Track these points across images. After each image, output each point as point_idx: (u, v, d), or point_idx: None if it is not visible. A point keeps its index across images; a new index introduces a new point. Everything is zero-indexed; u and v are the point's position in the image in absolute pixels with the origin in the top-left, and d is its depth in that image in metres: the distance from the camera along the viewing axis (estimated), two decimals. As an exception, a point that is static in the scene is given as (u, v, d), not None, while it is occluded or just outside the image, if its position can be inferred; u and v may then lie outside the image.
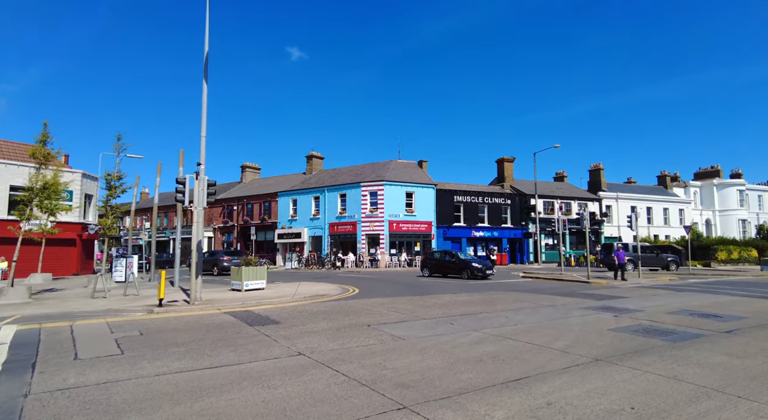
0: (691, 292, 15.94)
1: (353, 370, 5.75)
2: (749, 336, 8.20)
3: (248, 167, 50.14)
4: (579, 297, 14.27)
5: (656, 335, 8.18)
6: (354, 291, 16.19)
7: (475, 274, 22.17)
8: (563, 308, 11.63)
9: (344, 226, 35.91)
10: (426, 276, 24.85)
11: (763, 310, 11.51)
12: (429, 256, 26.49)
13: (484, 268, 22.43)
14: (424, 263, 26.10)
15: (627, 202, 48.62)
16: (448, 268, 24.16)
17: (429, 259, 25.97)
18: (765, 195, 61.04)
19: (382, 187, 34.92)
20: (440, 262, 24.84)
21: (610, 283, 19.43)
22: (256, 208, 42.82)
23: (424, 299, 13.40)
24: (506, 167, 44.26)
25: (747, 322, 9.64)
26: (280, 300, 12.53)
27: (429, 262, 25.72)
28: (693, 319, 10.06)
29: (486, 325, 9.17)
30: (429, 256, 26.69)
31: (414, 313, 10.66)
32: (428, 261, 25.84)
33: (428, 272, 25.20)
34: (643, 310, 11.36)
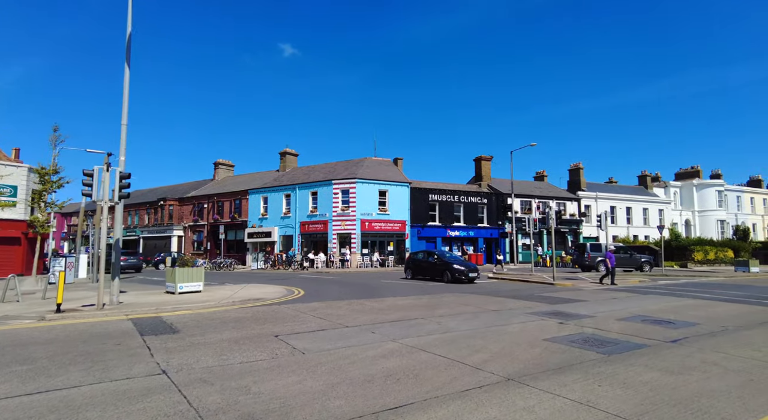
0: (656, 295, 15.22)
1: (205, 396, 4.77)
2: (694, 346, 7.39)
3: (221, 164, 48.73)
4: (534, 300, 13.45)
5: (593, 346, 7.33)
6: (299, 293, 15.20)
7: (457, 277, 19.70)
8: (508, 313, 10.75)
9: (315, 225, 34.84)
10: (408, 278, 22.59)
11: (719, 315, 10.76)
12: (412, 257, 23.97)
13: (466, 270, 19.91)
14: (407, 264, 23.73)
15: (606, 201, 48.21)
16: (429, 270, 21.63)
17: (412, 260, 23.45)
18: (744, 196, 61.28)
19: (354, 184, 33.91)
20: (422, 264, 22.37)
21: (575, 285, 18.69)
22: (226, 206, 41.54)
23: (365, 303, 12.44)
24: (484, 166, 43.53)
25: (698, 330, 8.86)
26: (204, 305, 11.48)
27: (411, 263, 23.28)
28: (643, 326, 9.27)
29: (411, 333, 8.24)
30: (412, 256, 24.12)
31: (341, 319, 9.69)
32: (411, 262, 23.39)
33: (411, 274, 22.82)
34: (594, 315, 10.54)
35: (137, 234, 47.63)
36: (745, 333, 8.61)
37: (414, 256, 23.63)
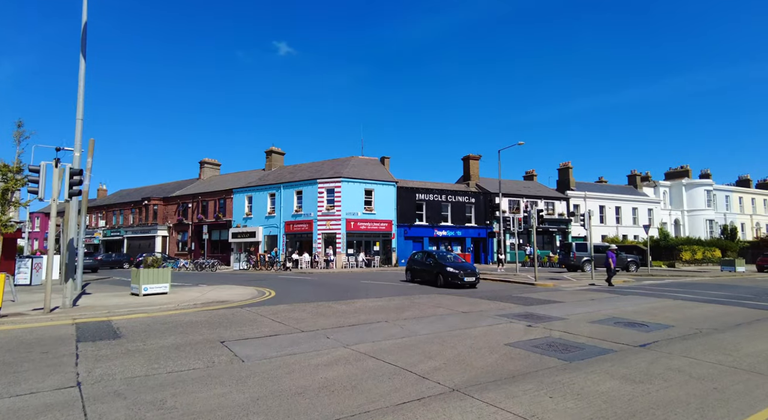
0: (636, 295, 14.89)
1: (109, 413, 4.30)
2: (663, 351, 7.02)
3: (207, 163, 48.01)
4: (509, 301, 13.07)
5: (557, 352, 6.93)
6: (270, 295, 14.71)
7: (450, 281, 17.28)
8: (478, 316, 10.35)
9: (300, 225, 34.30)
10: (407, 280, 20.85)
11: (695, 317, 10.43)
12: (412, 258, 21.81)
13: (461, 273, 17.19)
14: (407, 266, 21.81)
15: (595, 201, 48.03)
16: (424, 273, 19.54)
17: (412, 261, 21.36)
18: (732, 195, 61.39)
19: (339, 184, 33.41)
20: (419, 265, 20.32)
21: (556, 286, 18.35)
22: (211, 205, 40.90)
23: (333, 306, 11.98)
24: (472, 165, 43.17)
25: (670, 333, 8.50)
26: (162, 308, 10.98)
27: (411, 264, 21.27)
28: (615, 329, 8.89)
29: (367, 338, 7.80)
30: (412, 257, 21.94)
31: (300, 324, 9.23)
32: (410, 263, 21.40)
33: (410, 276, 20.91)
34: (566, 318, 10.16)
35: (122, 234, 46.85)
36: (717, 336, 8.26)
37: (413, 257, 21.66)
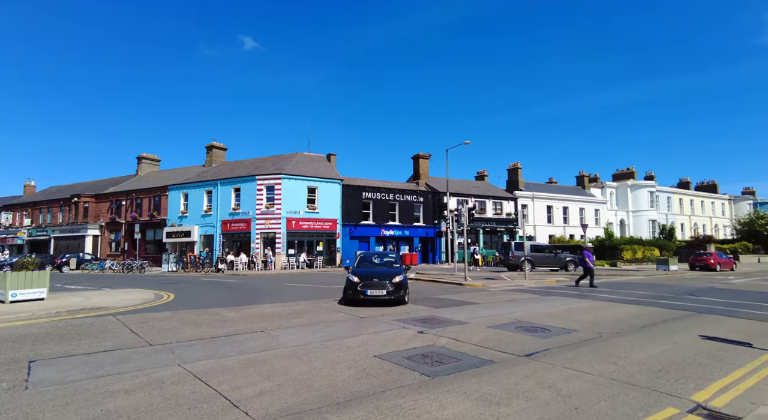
0: (559, 296, 14.42)
1: None
2: (546, 362, 6.30)
3: (145, 158, 45.16)
4: (422, 304, 12.30)
5: (427, 364, 6.08)
6: (167, 299, 13.36)
7: (350, 296, 12.00)
8: (373, 321, 9.43)
9: (237, 224, 32.57)
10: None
11: (604, 320, 9.91)
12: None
13: (363, 283, 11.70)
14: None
15: (543, 201, 48.61)
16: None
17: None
18: (673, 197, 63.95)
19: (279, 180, 31.92)
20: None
21: (485, 286, 17.81)
22: (145, 203, 38.41)
23: (222, 313, 10.77)
24: (421, 164, 42.63)
25: (568, 339, 7.84)
26: (12, 317, 9.44)
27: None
28: (512, 335, 8.17)
29: (219, 353, 6.70)
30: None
31: (158, 335, 8.03)
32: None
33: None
34: (467, 322, 9.40)
35: (48, 234, 43.35)
36: (615, 341, 7.67)
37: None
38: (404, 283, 11.84)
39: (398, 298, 11.60)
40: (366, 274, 12.13)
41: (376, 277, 11.85)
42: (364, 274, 12.04)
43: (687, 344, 7.47)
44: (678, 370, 5.97)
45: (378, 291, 11.49)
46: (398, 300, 11.65)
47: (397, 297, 11.56)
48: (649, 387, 5.25)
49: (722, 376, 5.73)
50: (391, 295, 11.46)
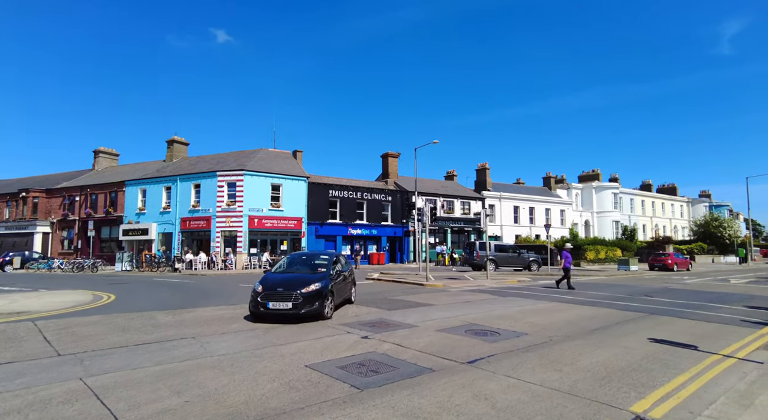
0: (516, 297, 14.24)
1: None
2: (488, 369, 5.98)
3: (102, 152, 42.99)
4: (376, 306, 11.92)
5: (360, 374, 5.66)
6: (104, 301, 12.45)
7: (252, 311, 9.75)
8: (318, 326, 8.95)
9: (197, 222, 31.37)
10: None
11: (558, 322, 9.72)
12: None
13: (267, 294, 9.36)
14: None
15: (510, 201, 49.07)
16: None
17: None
18: (636, 198, 65.84)
19: (241, 177, 30.91)
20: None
21: (446, 286, 17.53)
22: (101, 199, 36.58)
23: (158, 317, 10.05)
24: (390, 163, 42.26)
25: (516, 343, 7.56)
26: None
27: None
28: (459, 338, 7.85)
29: (138, 363, 6.10)
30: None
31: (77, 343, 7.34)
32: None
33: None
34: (417, 325, 9.03)
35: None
36: (564, 345, 7.43)
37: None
38: (323, 291, 9.47)
39: (311, 312, 9.11)
40: (274, 281, 9.75)
41: (282, 286, 9.34)
42: (271, 282, 9.68)
43: (635, 348, 7.30)
44: (622, 376, 5.74)
45: (281, 303, 9.01)
46: (311, 314, 9.17)
47: (309, 311, 9.06)
48: (590, 397, 4.96)
49: (665, 383, 5.53)
50: (299, 309, 8.98)
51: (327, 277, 10.11)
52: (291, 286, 9.43)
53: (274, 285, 9.51)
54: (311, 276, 10.14)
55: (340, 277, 11.09)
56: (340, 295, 11.01)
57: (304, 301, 9.12)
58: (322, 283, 9.70)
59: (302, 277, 9.99)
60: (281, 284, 9.54)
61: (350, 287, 12.23)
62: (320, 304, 9.33)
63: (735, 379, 5.67)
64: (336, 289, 10.47)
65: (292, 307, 9.04)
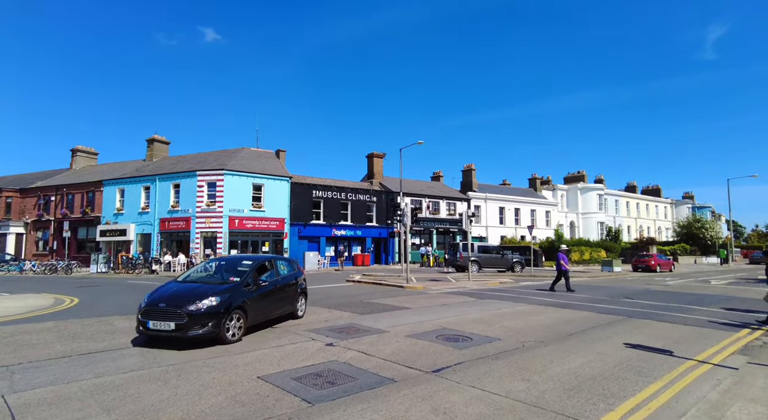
0: (495, 300, 13.97)
1: None
2: (452, 379, 5.67)
3: (81, 151, 41.90)
4: (349, 309, 11.55)
5: (316, 387, 5.31)
6: (64, 306, 11.88)
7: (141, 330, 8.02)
8: (278, 332, 8.58)
9: (176, 223, 30.66)
10: None
11: (534, 326, 9.44)
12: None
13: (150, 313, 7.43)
14: None
15: (496, 202, 49.04)
16: None
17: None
18: (621, 200, 66.36)
19: (221, 177, 30.28)
20: None
21: (427, 288, 17.21)
22: (77, 199, 35.62)
23: (115, 322, 9.59)
24: (376, 163, 41.91)
25: (487, 349, 7.25)
26: None
27: None
28: (429, 345, 7.53)
29: (76, 375, 5.69)
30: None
31: (14, 354, 6.81)
32: None
33: None
34: (387, 331, 8.68)
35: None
36: (536, 352, 7.14)
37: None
38: (222, 309, 7.34)
39: (202, 336, 7.10)
40: (163, 293, 7.73)
41: (166, 301, 7.29)
42: (159, 294, 7.67)
43: (609, 354, 7.04)
44: (593, 385, 5.46)
45: (162, 323, 7.07)
46: (202, 338, 7.17)
47: (198, 334, 7.04)
48: (556, 410, 4.66)
49: (637, 392, 5.26)
50: (184, 331, 6.96)
51: (234, 290, 7.84)
52: (179, 300, 7.31)
53: (159, 298, 7.46)
54: (212, 287, 7.81)
55: (269, 287, 8.84)
56: (270, 311, 8.90)
57: (190, 321, 7.02)
58: (221, 297, 7.47)
59: (198, 289, 7.71)
60: (168, 298, 7.45)
61: (295, 299, 9.93)
62: (215, 324, 7.20)
63: (708, 387, 5.43)
64: (260, 303, 8.39)
65: (175, 328, 7.00)
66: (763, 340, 8.33)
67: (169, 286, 8.18)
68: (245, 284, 8.16)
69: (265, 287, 8.72)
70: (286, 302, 9.59)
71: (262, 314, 8.60)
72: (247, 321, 7.96)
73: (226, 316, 7.43)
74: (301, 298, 10.35)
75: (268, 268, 9.33)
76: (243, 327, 7.85)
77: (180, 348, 7.11)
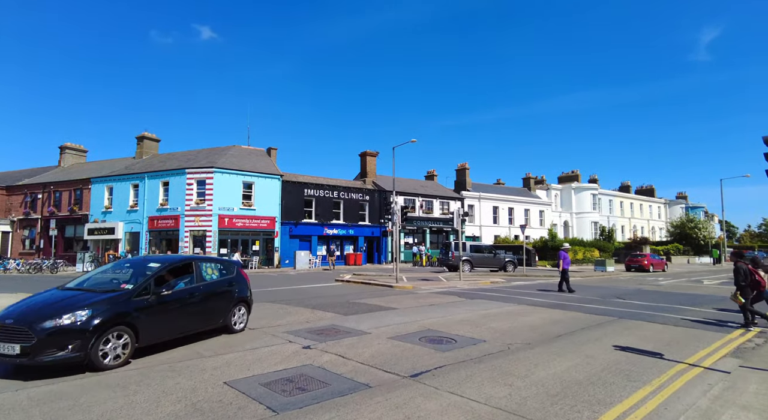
0: (484, 300, 13.70)
1: None
2: (430, 385, 5.39)
3: (69, 149, 41.30)
4: (333, 309, 11.23)
5: (284, 393, 5.00)
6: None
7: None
8: (256, 333, 8.24)
9: (165, 221, 30.19)
10: None
11: (521, 327, 9.18)
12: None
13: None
14: None
15: (489, 202, 48.84)
16: None
17: None
18: (615, 200, 66.40)
19: (211, 174, 29.84)
20: None
21: (416, 287, 16.92)
22: (65, 197, 35.05)
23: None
24: (369, 161, 41.56)
25: (471, 352, 6.96)
26: None
27: None
28: (411, 347, 7.23)
29: (15, 383, 5.27)
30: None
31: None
32: None
33: None
34: (369, 332, 8.38)
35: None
36: (522, 355, 6.86)
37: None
38: (89, 325, 5.70)
39: (59, 361, 5.51)
40: (17, 307, 6.07)
41: (14, 317, 5.68)
42: (14, 308, 6.11)
43: (598, 356, 6.77)
44: (578, 391, 5.18)
45: (5, 346, 5.44)
46: (61, 363, 5.56)
47: (49, 359, 5.45)
48: (538, 418, 4.38)
49: (624, 398, 4.99)
50: (32, 356, 5.38)
51: (116, 301, 6.18)
52: (34, 315, 5.70)
53: (10, 313, 5.86)
54: (89, 297, 6.18)
55: (182, 296, 7.11)
56: (183, 325, 7.17)
57: (42, 342, 5.39)
58: (93, 311, 5.84)
59: (70, 300, 6.07)
60: (20, 312, 5.86)
61: (227, 309, 8.05)
62: (80, 346, 5.57)
63: (698, 393, 5.16)
64: (163, 316, 6.74)
65: (20, 352, 5.36)
66: (755, 342, 8.10)
67: (43, 294, 6.61)
68: (140, 293, 6.46)
69: (173, 296, 6.92)
70: (211, 314, 7.71)
71: (167, 330, 6.88)
72: (138, 340, 6.25)
73: (100, 334, 5.74)
74: (239, 309, 8.42)
75: (184, 272, 7.58)
76: (130, 347, 6.10)
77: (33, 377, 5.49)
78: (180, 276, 7.46)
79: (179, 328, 7.13)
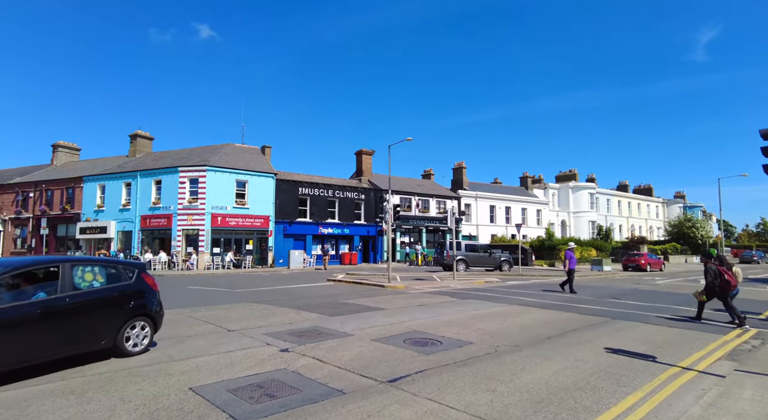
0: (476, 300, 13.41)
1: None
2: (408, 391, 5.11)
3: (62, 147, 40.84)
4: (318, 310, 10.91)
5: (251, 401, 4.72)
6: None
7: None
8: (237, 335, 7.93)
9: (158, 220, 29.83)
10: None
11: (511, 328, 8.90)
12: None
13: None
14: None
15: (486, 201, 48.55)
16: None
17: None
18: (612, 199, 66.19)
19: (204, 173, 29.48)
20: None
21: (408, 287, 16.63)
22: (57, 195, 34.67)
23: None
24: (365, 160, 41.22)
25: (455, 355, 6.68)
26: None
27: None
28: (393, 350, 6.95)
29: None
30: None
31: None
32: None
33: None
34: (352, 334, 8.08)
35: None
36: (508, 358, 6.57)
37: None
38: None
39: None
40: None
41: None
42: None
43: (588, 360, 6.49)
44: (564, 398, 4.89)
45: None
46: None
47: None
48: (518, 428, 4.08)
49: (612, 405, 4.71)
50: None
51: None
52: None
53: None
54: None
55: (31, 311, 5.30)
56: (34, 349, 5.33)
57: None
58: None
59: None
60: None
61: (114, 326, 6.23)
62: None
63: (691, 399, 4.88)
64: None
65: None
66: (752, 344, 7.83)
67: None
68: None
69: (18, 311, 5.20)
70: (86, 332, 5.91)
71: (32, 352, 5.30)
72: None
73: None
74: (137, 325, 6.52)
75: (46, 278, 5.80)
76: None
77: None
78: (36, 283, 5.69)
79: (30, 353, 5.29)
